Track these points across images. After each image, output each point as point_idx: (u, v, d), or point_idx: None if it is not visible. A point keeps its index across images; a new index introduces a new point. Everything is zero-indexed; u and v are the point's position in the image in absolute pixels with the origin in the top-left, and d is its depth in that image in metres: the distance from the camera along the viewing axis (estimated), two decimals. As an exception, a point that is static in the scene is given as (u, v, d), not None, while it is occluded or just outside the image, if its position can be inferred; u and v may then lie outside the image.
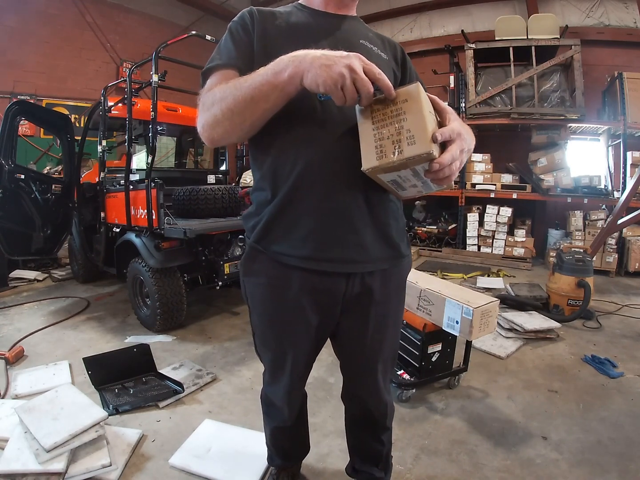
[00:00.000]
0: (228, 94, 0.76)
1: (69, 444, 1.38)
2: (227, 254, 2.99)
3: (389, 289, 0.98)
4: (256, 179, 0.93)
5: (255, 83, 0.73)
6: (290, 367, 1.03)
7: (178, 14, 7.07)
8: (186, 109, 3.91)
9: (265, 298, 0.97)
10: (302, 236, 0.86)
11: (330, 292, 0.92)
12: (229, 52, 0.86)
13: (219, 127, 0.80)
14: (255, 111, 0.75)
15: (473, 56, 5.12)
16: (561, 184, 4.89)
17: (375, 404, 1.14)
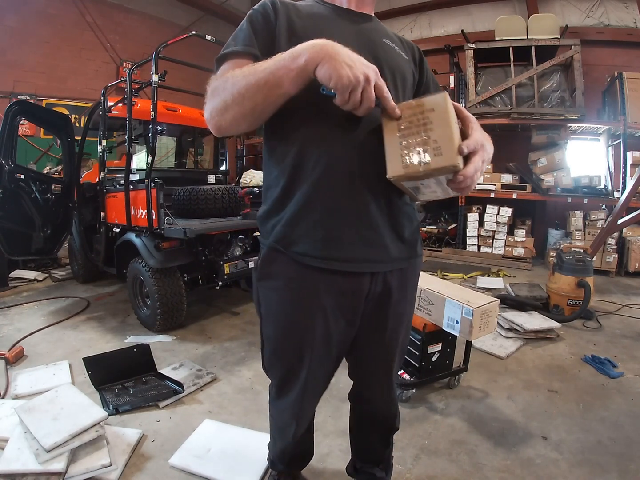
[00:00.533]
0: (240, 79, 0.74)
1: (69, 444, 1.38)
2: (227, 254, 2.99)
3: (406, 287, 0.99)
4: (273, 175, 0.89)
5: (270, 67, 0.71)
6: (304, 381, 0.99)
7: (178, 14, 7.07)
8: (186, 109, 3.91)
9: (283, 303, 0.93)
10: (325, 236, 0.85)
11: (356, 293, 0.91)
12: (246, 39, 0.83)
13: (228, 113, 0.77)
14: (268, 96, 0.73)
15: (473, 56, 5.12)
16: (561, 184, 4.89)
17: (388, 405, 1.15)
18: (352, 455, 1.34)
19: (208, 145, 4.90)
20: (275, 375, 1.05)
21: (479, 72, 5.24)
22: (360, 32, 0.90)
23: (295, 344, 0.95)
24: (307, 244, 0.86)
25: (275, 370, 1.04)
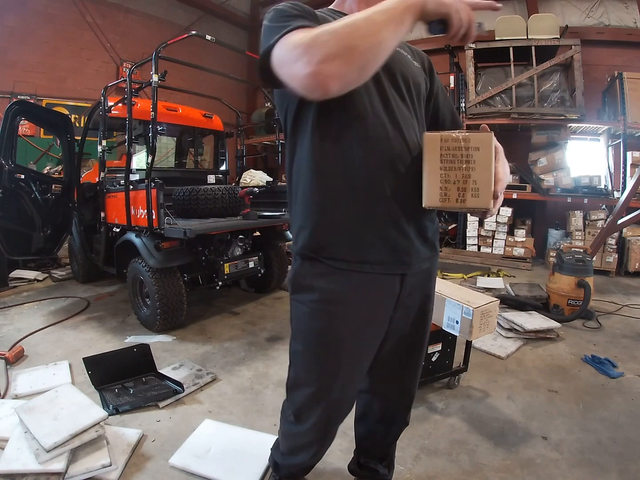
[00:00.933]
0: (358, 20, 0.67)
1: (69, 444, 1.38)
2: (227, 254, 2.99)
3: (429, 285, 1.03)
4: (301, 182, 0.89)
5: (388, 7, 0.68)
6: (333, 401, 0.97)
7: (178, 14, 7.08)
8: (186, 109, 3.91)
9: (318, 316, 0.91)
10: (357, 241, 0.86)
11: (388, 298, 0.93)
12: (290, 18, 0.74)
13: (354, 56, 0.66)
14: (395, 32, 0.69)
15: (473, 56, 5.12)
16: (561, 184, 4.89)
17: (409, 401, 1.17)
18: (356, 449, 1.33)
19: (208, 145, 4.90)
20: (301, 395, 1.00)
21: (479, 72, 5.24)
22: None
23: (329, 360, 0.94)
24: (337, 248, 0.87)
25: (302, 389, 0.99)
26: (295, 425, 1.04)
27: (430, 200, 0.80)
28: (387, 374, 1.12)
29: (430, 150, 0.79)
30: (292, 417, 1.04)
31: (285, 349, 2.54)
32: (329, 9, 0.97)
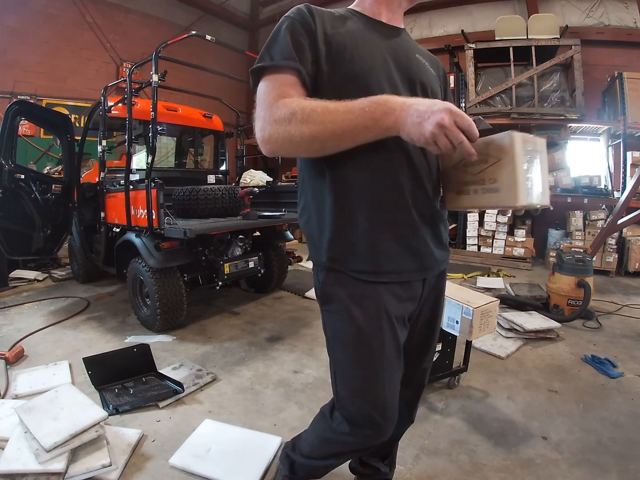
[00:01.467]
0: (315, 120, 0.73)
1: (69, 444, 1.38)
2: (227, 254, 2.99)
3: (442, 284, 1.06)
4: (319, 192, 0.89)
5: (348, 120, 0.72)
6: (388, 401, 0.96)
7: (178, 14, 7.08)
8: (186, 109, 3.91)
9: (351, 323, 0.91)
10: (380, 252, 0.87)
11: (412, 300, 0.96)
12: (284, 52, 0.80)
13: (291, 147, 0.77)
14: (339, 145, 0.76)
15: (473, 56, 5.12)
16: (561, 184, 4.89)
17: (416, 399, 1.20)
18: None
19: (208, 145, 4.90)
20: (356, 404, 0.96)
21: (479, 72, 5.24)
22: (394, 47, 0.91)
23: (372, 363, 0.93)
24: (363, 260, 0.87)
25: (357, 397, 0.96)
26: (347, 436, 1.00)
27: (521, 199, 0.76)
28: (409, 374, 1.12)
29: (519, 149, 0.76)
30: (346, 428, 0.99)
31: (284, 349, 2.54)
32: (349, 9, 0.96)
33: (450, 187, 0.90)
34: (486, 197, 0.80)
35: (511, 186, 0.75)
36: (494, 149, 0.77)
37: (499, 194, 0.77)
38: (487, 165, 0.78)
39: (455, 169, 0.86)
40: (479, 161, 0.79)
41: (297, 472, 1.21)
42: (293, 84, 0.80)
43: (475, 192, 0.83)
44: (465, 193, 0.85)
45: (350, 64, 0.83)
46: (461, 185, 0.85)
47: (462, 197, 0.86)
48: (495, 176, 0.77)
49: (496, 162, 0.77)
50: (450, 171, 0.88)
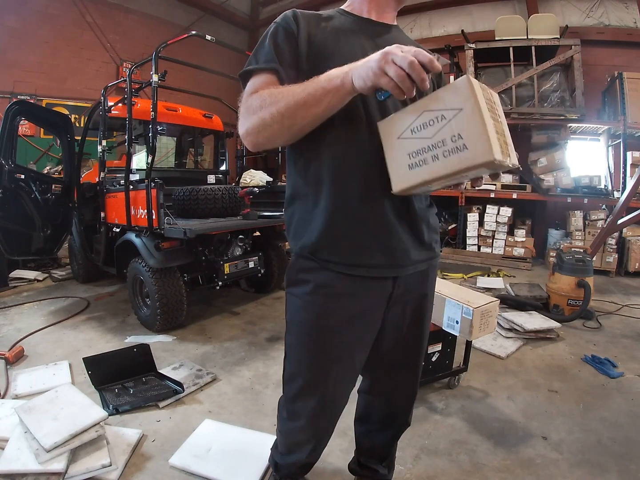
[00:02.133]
0: (280, 98, 0.77)
1: (69, 444, 1.38)
2: (227, 254, 2.99)
3: (426, 286, 1.03)
4: (298, 185, 0.93)
5: (308, 89, 0.76)
6: (326, 395, 0.99)
7: (178, 14, 7.08)
8: (186, 109, 3.91)
9: (309, 310, 0.94)
10: (350, 244, 0.89)
11: (380, 297, 0.95)
12: (267, 55, 0.86)
13: (266, 131, 0.81)
14: (306, 115, 0.77)
15: (473, 56, 5.12)
16: (561, 184, 4.89)
17: (411, 402, 1.18)
18: (356, 450, 1.34)
19: (208, 145, 4.90)
20: (294, 388, 1.02)
21: (479, 72, 5.24)
22: (379, 44, 0.91)
23: (320, 352, 0.96)
24: (333, 251, 0.89)
25: (295, 381, 1.01)
26: (289, 421, 1.06)
27: (496, 152, 0.65)
28: (387, 374, 1.13)
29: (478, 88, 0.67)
30: (286, 413, 1.06)
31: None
32: (340, 10, 0.98)
33: (397, 165, 0.77)
34: (452, 161, 0.68)
35: (482, 137, 0.64)
36: (449, 99, 0.67)
37: (469, 151, 0.66)
38: (446, 121, 0.67)
39: (401, 140, 0.75)
40: (431, 121, 0.69)
41: (280, 470, 1.23)
42: (270, 82, 0.84)
43: (436, 158, 0.70)
44: (420, 164, 0.72)
45: (330, 61, 0.84)
46: (413, 157, 0.73)
47: (416, 171, 0.73)
48: (459, 131, 0.66)
49: (457, 114, 0.66)
50: (394, 146, 0.76)
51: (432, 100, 0.71)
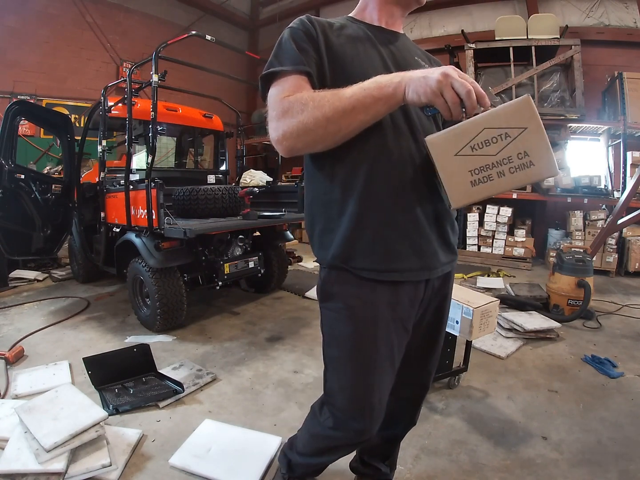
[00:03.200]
0: (324, 103, 0.75)
1: (69, 444, 1.38)
2: (227, 254, 2.99)
3: (448, 286, 1.05)
4: (322, 191, 0.91)
5: (356, 95, 0.74)
6: (376, 401, 0.97)
7: (178, 14, 7.08)
8: (186, 109, 3.91)
9: (349, 322, 0.92)
10: (383, 249, 0.87)
11: (413, 301, 0.95)
12: (294, 57, 0.83)
13: (308, 136, 0.78)
14: (352, 122, 0.76)
15: (473, 56, 5.12)
16: (561, 184, 4.89)
17: (419, 401, 1.19)
18: (359, 450, 1.33)
19: (208, 145, 4.90)
20: (342, 399, 0.99)
21: (479, 72, 5.24)
22: (393, 51, 0.94)
23: (365, 362, 0.94)
24: (367, 258, 0.88)
25: (343, 393, 0.98)
26: (333, 431, 1.03)
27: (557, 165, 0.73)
28: (402, 373, 1.11)
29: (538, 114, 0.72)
30: (332, 423, 1.02)
31: (284, 349, 2.54)
32: (349, 17, 0.99)
33: (457, 181, 0.77)
34: (519, 176, 0.72)
35: (547, 153, 0.68)
36: (512, 118, 0.70)
37: (535, 167, 0.70)
38: (511, 139, 0.70)
39: (459, 157, 0.75)
40: (494, 139, 0.71)
41: (295, 471, 1.22)
42: (304, 84, 0.82)
43: (501, 174, 0.72)
44: (485, 181, 0.74)
45: (351, 68, 0.85)
46: (476, 174, 0.74)
47: (481, 187, 0.75)
48: (524, 149, 0.70)
49: (522, 133, 0.69)
50: (452, 163, 0.77)
51: (493, 119, 0.73)
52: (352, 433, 1.00)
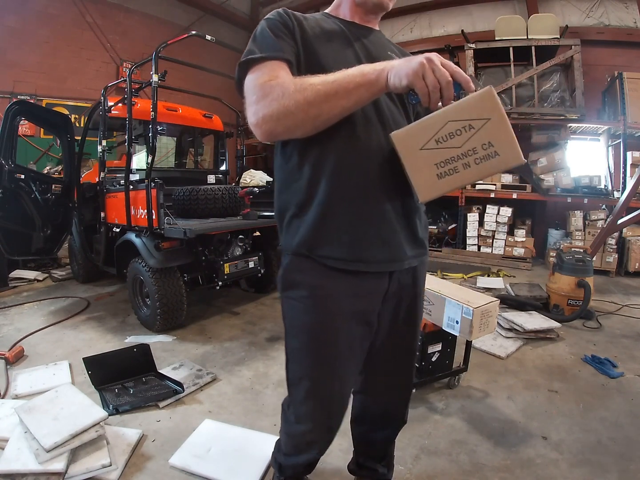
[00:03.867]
0: (307, 87, 0.75)
1: (69, 444, 1.38)
2: (227, 254, 2.99)
3: (417, 284, 1.03)
4: (291, 178, 0.91)
5: (339, 80, 0.75)
6: (335, 390, 0.98)
7: (178, 14, 7.07)
8: (186, 109, 3.91)
9: (308, 313, 0.93)
10: (349, 239, 0.87)
11: (376, 294, 0.95)
12: (272, 45, 0.84)
13: (288, 119, 0.77)
14: (334, 107, 0.76)
15: (473, 56, 5.13)
16: (561, 184, 4.89)
17: (407, 399, 1.18)
18: (354, 450, 1.33)
19: (208, 145, 4.90)
20: (301, 391, 1.00)
21: (479, 72, 5.24)
22: (366, 45, 0.95)
23: (325, 353, 0.95)
24: (332, 247, 0.88)
25: (302, 384, 0.99)
26: (297, 424, 1.04)
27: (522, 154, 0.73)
28: (381, 373, 1.12)
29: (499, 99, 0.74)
30: (294, 417, 1.04)
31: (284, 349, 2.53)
32: (324, 13, 1.01)
33: (423, 175, 0.78)
34: (484, 167, 0.72)
35: (512, 143, 0.69)
36: (476, 110, 0.71)
37: (500, 157, 0.70)
38: (475, 131, 0.71)
39: (425, 151, 0.76)
40: (458, 131, 0.72)
41: (285, 472, 1.22)
42: (283, 70, 0.82)
43: (467, 166, 0.73)
44: (451, 173, 0.75)
45: (325, 60, 0.86)
46: (441, 167, 0.75)
47: (447, 180, 0.75)
48: (489, 139, 0.71)
49: (485, 124, 0.70)
50: (417, 157, 0.77)
51: (456, 111, 0.73)
52: (313, 426, 1.02)
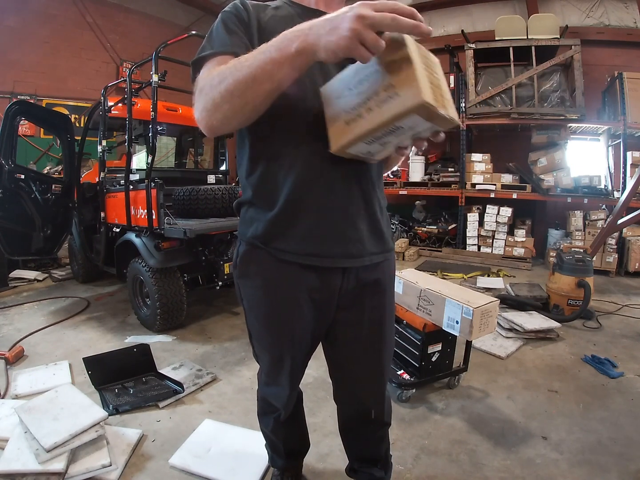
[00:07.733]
0: (227, 75, 0.70)
1: (69, 444, 1.38)
2: (227, 254, 2.99)
3: (383, 281, 1.01)
4: (250, 169, 0.90)
5: (256, 61, 0.67)
6: (288, 367, 1.03)
7: (178, 14, 7.07)
8: (186, 109, 3.91)
9: (262, 299, 0.96)
10: (305, 233, 0.86)
11: (328, 288, 0.93)
12: (222, 40, 0.83)
13: (218, 112, 0.74)
14: (258, 93, 0.69)
15: (473, 56, 5.12)
16: (561, 184, 4.89)
17: (379, 401, 1.14)
18: (348, 457, 1.32)
19: (208, 145, 4.90)
20: (263, 361, 1.10)
21: (479, 72, 5.23)
22: None
23: (276, 337, 1.01)
24: (287, 240, 0.87)
25: (263, 358, 1.09)
26: (268, 387, 1.14)
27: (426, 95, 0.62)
28: (350, 376, 1.11)
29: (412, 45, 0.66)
30: (265, 379, 1.14)
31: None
32: (287, 1, 0.94)
33: (335, 123, 0.75)
34: (384, 110, 0.66)
35: (411, 81, 0.62)
36: (385, 53, 0.65)
37: (399, 97, 0.64)
38: (380, 74, 0.67)
39: (340, 100, 0.74)
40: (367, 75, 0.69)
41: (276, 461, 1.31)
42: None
43: (370, 110, 0.68)
44: (356, 119, 0.71)
45: None
46: (349, 113, 0.72)
47: (352, 126, 0.71)
48: (390, 80, 0.65)
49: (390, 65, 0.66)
50: (334, 105, 0.75)
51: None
52: (276, 390, 1.11)
